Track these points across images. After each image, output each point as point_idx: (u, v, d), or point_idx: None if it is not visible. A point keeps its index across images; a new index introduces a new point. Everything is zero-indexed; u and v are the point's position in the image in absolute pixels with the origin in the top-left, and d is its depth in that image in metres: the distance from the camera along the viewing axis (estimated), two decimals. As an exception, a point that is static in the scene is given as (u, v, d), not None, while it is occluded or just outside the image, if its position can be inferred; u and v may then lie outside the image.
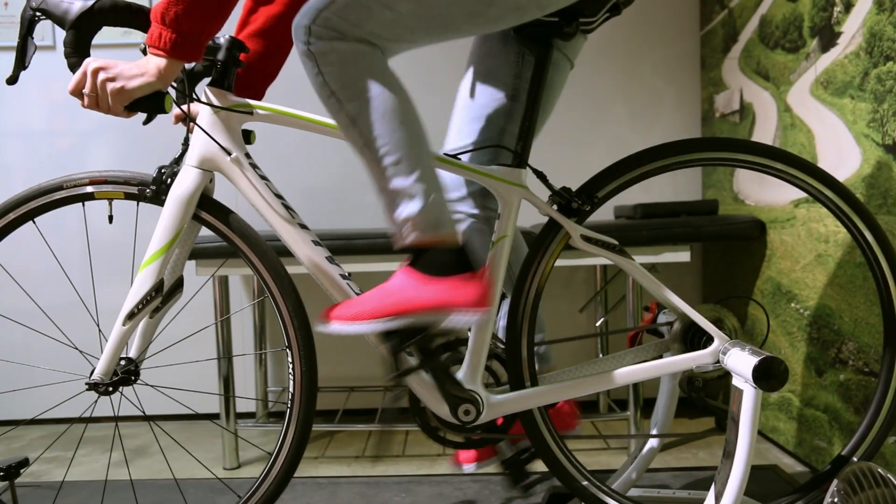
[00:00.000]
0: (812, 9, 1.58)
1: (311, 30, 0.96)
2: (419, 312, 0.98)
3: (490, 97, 1.19)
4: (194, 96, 1.14)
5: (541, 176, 1.18)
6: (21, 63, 1.06)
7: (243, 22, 1.24)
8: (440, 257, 1.00)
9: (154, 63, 0.98)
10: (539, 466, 1.21)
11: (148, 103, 1.01)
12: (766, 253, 1.83)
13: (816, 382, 1.61)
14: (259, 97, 1.27)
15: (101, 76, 0.98)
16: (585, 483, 1.18)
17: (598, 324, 2.22)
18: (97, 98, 0.99)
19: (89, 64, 0.99)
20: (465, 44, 1.19)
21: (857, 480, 1.06)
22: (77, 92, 1.00)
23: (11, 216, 1.17)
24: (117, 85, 0.98)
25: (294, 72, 1.32)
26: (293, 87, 1.78)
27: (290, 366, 1.16)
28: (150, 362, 2.07)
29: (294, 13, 1.23)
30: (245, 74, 1.23)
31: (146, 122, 1.16)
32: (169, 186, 1.13)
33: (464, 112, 1.22)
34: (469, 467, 1.26)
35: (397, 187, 0.98)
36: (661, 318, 1.23)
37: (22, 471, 1.40)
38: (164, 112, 1.02)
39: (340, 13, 0.95)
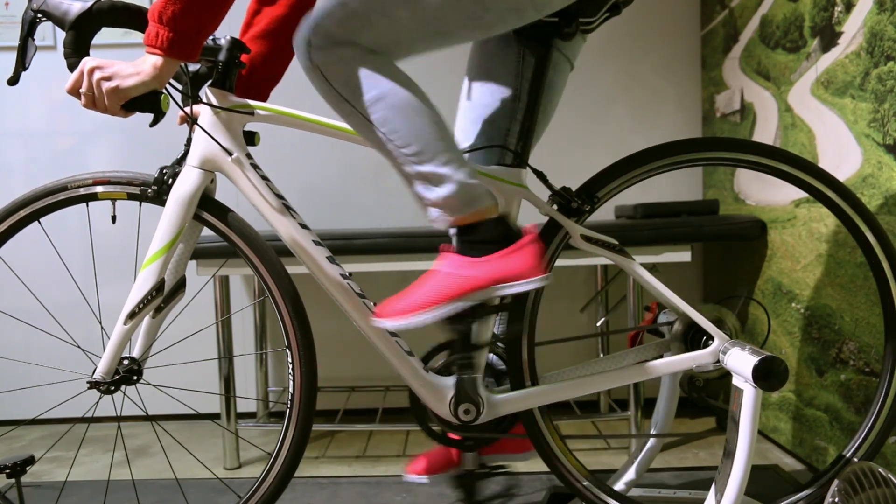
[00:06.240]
0: (813, 9, 1.58)
1: (312, 42, 0.97)
2: (475, 292, 0.99)
3: (491, 98, 1.19)
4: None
5: (541, 176, 1.18)
6: (22, 63, 1.07)
7: (247, 24, 1.24)
8: (481, 236, 1.01)
9: (150, 62, 0.98)
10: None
11: (145, 103, 1.01)
12: (766, 253, 1.83)
13: (817, 382, 1.61)
14: (263, 99, 1.27)
15: (97, 75, 0.98)
16: (586, 483, 1.18)
17: (598, 324, 2.22)
18: (94, 97, 0.99)
19: (86, 63, 0.99)
20: (465, 46, 1.19)
21: (858, 480, 1.06)
22: (74, 91, 1.00)
23: (18, 216, 1.18)
24: (112, 84, 0.98)
25: (295, 72, 1.32)
26: (293, 88, 1.78)
27: (291, 366, 1.16)
28: (151, 362, 2.07)
29: (298, 15, 1.23)
30: (248, 76, 1.23)
31: (153, 123, 1.15)
32: (170, 187, 1.13)
33: (467, 113, 1.22)
34: (418, 479, 1.24)
35: (423, 175, 0.99)
36: (662, 318, 1.23)
37: (28, 469, 1.40)
38: (162, 111, 1.02)
39: (339, 24, 0.96)
